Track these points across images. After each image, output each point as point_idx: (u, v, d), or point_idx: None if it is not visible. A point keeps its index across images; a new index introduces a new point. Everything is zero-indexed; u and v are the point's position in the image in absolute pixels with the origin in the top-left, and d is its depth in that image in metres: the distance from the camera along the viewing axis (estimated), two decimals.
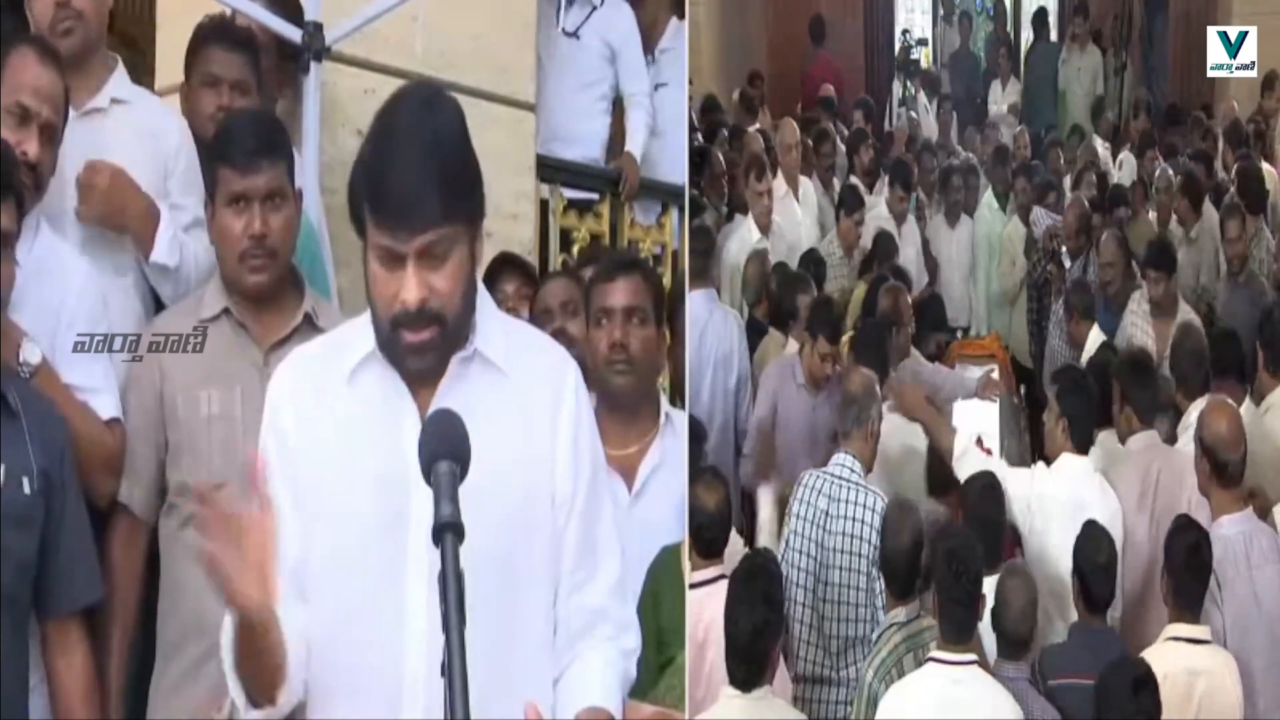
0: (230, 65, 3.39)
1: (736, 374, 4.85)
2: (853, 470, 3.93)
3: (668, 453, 3.17)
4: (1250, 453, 3.78)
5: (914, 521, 3.57)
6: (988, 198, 6.99)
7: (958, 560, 3.24)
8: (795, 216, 6.36)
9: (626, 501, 3.09)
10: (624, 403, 3.16)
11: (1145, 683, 3.10)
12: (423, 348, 2.01)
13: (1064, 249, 6.25)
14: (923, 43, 10.12)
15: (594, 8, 5.44)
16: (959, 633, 3.21)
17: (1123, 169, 7.07)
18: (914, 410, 4.41)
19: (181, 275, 3.09)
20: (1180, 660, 3.37)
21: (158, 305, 3.15)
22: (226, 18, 3.50)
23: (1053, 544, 3.83)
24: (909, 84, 9.69)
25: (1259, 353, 4.45)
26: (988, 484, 3.90)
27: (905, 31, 10.17)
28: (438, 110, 2.01)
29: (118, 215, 3.03)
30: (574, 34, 5.41)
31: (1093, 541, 3.58)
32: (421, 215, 1.94)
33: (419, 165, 1.94)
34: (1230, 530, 3.66)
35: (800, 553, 3.91)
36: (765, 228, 5.93)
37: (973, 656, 3.22)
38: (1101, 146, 8.14)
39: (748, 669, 3.07)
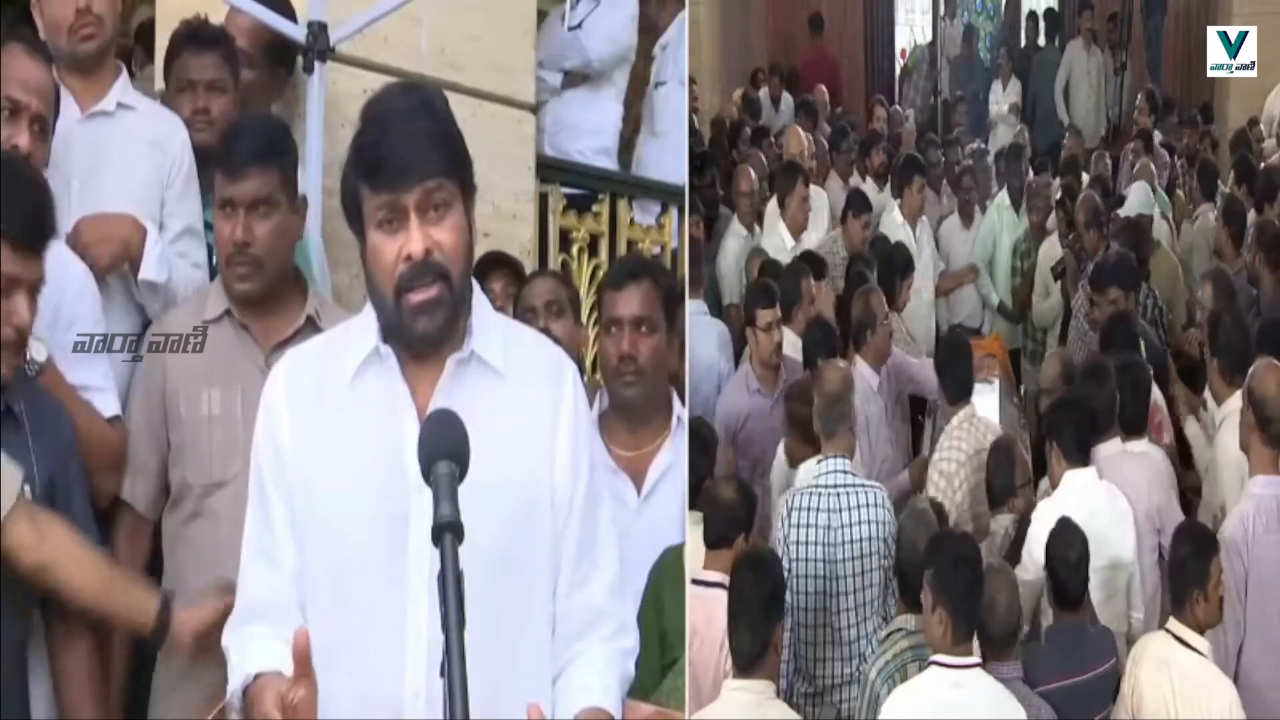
0: (202, 67, 3.38)
1: (717, 383, 4.82)
2: (846, 471, 3.87)
3: (679, 454, 3.18)
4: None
5: (930, 531, 3.54)
6: (1001, 197, 6.87)
7: (965, 562, 3.24)
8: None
9: (636, 503, 3.10)
10: (634, 409, 3.17)
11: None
12: (429, 306, 2.01)
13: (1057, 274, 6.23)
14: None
15: (597, 3, 5.45)
16: (970, 628, 3.21)
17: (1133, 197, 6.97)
18: None
19: (169, 291, 3.10)
20: (1160, 651, 3.42)
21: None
22: (198, 21, 3.49)
23: None
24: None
25: (1213, 360, 4.44)
26: None
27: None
28: (421, 90, 2.12)
29: (125, 253, 3.05)
30: (577, 27, 5.42)
31: (1064, 538, 3.57)
32: (419, 166, 2.00)
33: (411, 127, 2.02)
34: (1264, 490, 3.72)
35: (806, 577, 3.80)
36: (798, 232, 5.91)
37: (975, 659, 3.21)
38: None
39: (751, 643, 3.06)
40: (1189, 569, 3.45)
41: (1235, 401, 4.14)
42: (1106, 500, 3.84)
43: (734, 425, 4.57)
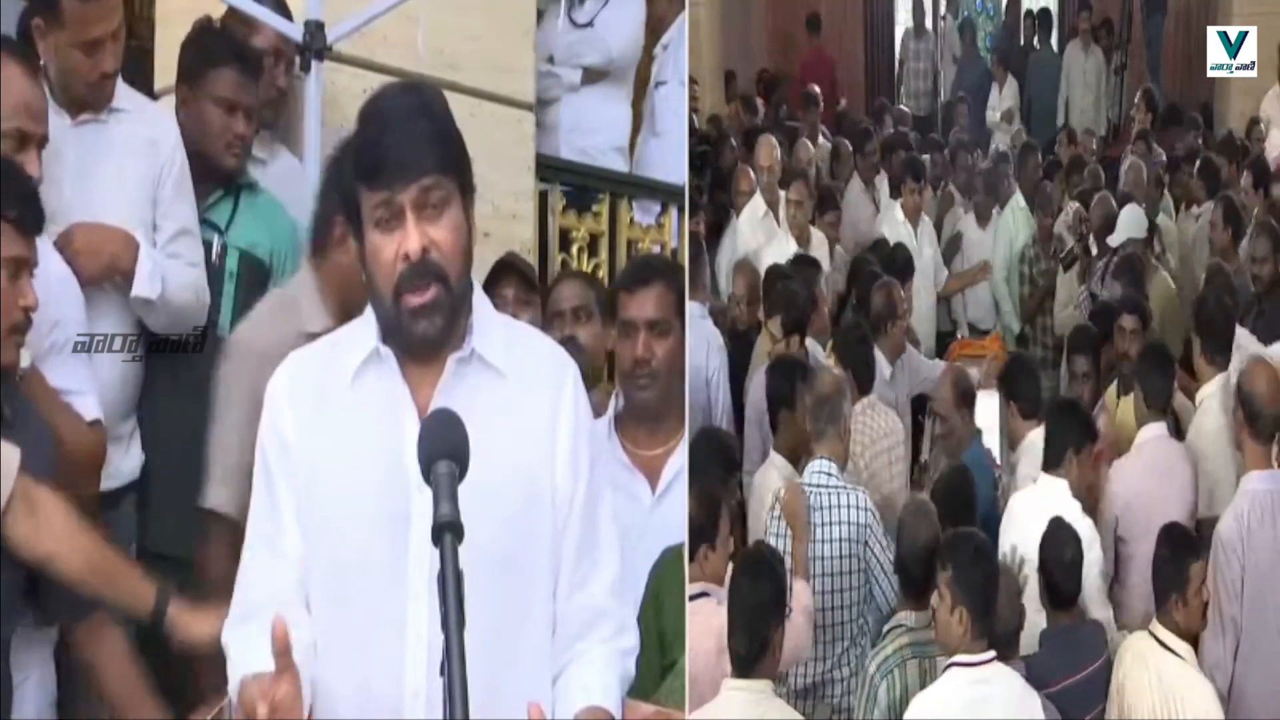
0: (245, 90, 3.38)
1: (722, 396, 4.81)
2: (830, 474, 3.87)
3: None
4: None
5: (931, 526, 3.53)
6: (1017, 199, 6.80)
7: (983, 558, 3.24)
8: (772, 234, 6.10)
9: (650, 502, 3.12)
10: (648, 411, 3.18)
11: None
12: (428, 309, 2.01)
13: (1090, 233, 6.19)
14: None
15: (605, 1, 5.45)
16: (988, 625, 3.19)
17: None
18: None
19: (163, 303, 3.10)
20: (1140, 649, 3.45)
21: None
22: (230, 31, 3.47)
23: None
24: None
25: (1196, 341, 4.45)
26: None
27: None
28: (420, 89, 2.13)
29: (113, 266, 3.05)
30: (588, 25, 5.42)
31: (1057, 538, 3.58)
32: (415, 165, 2.00)
33: (408, 126, 2.02)
34: (1259, 486, 3.73)
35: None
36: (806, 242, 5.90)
37: (992, 654, 3.19)
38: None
39: (749, 647, 3.06)
40: (1166, 572, 3.47)
41: (1215, 384, 4.20)
42: (1073, 517, 3.77)
43: (762, 409, 4.62)
